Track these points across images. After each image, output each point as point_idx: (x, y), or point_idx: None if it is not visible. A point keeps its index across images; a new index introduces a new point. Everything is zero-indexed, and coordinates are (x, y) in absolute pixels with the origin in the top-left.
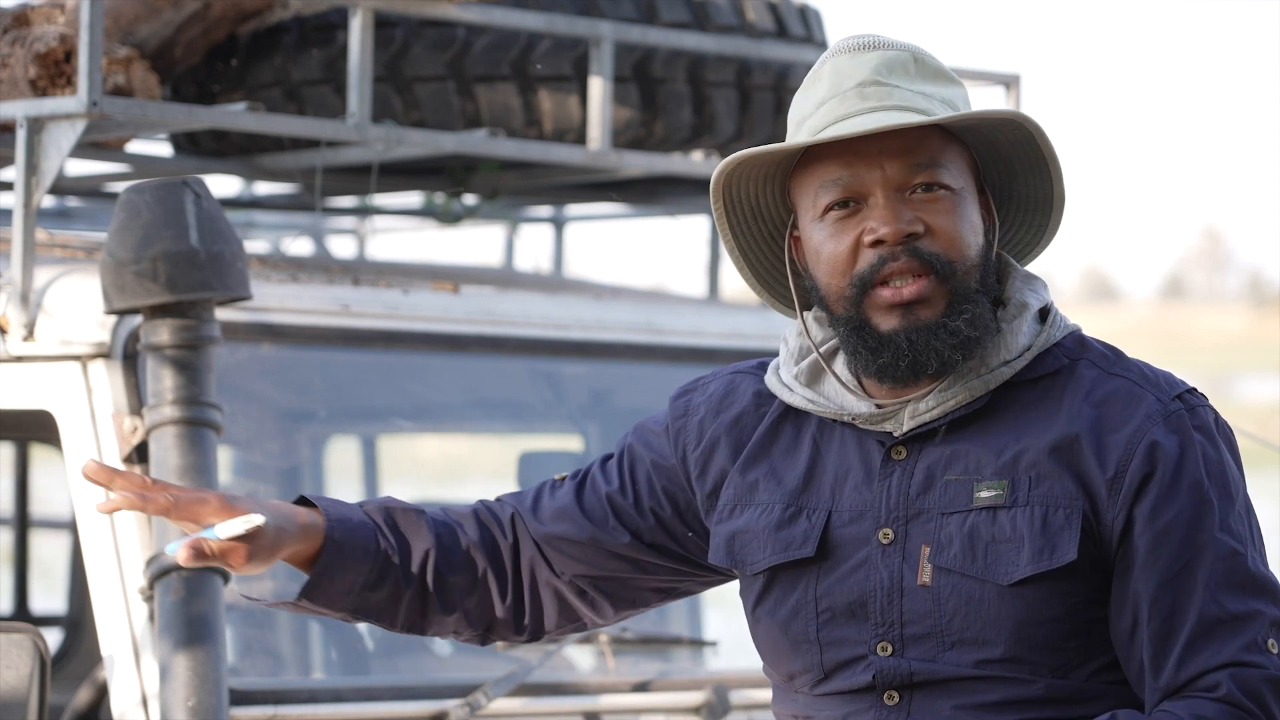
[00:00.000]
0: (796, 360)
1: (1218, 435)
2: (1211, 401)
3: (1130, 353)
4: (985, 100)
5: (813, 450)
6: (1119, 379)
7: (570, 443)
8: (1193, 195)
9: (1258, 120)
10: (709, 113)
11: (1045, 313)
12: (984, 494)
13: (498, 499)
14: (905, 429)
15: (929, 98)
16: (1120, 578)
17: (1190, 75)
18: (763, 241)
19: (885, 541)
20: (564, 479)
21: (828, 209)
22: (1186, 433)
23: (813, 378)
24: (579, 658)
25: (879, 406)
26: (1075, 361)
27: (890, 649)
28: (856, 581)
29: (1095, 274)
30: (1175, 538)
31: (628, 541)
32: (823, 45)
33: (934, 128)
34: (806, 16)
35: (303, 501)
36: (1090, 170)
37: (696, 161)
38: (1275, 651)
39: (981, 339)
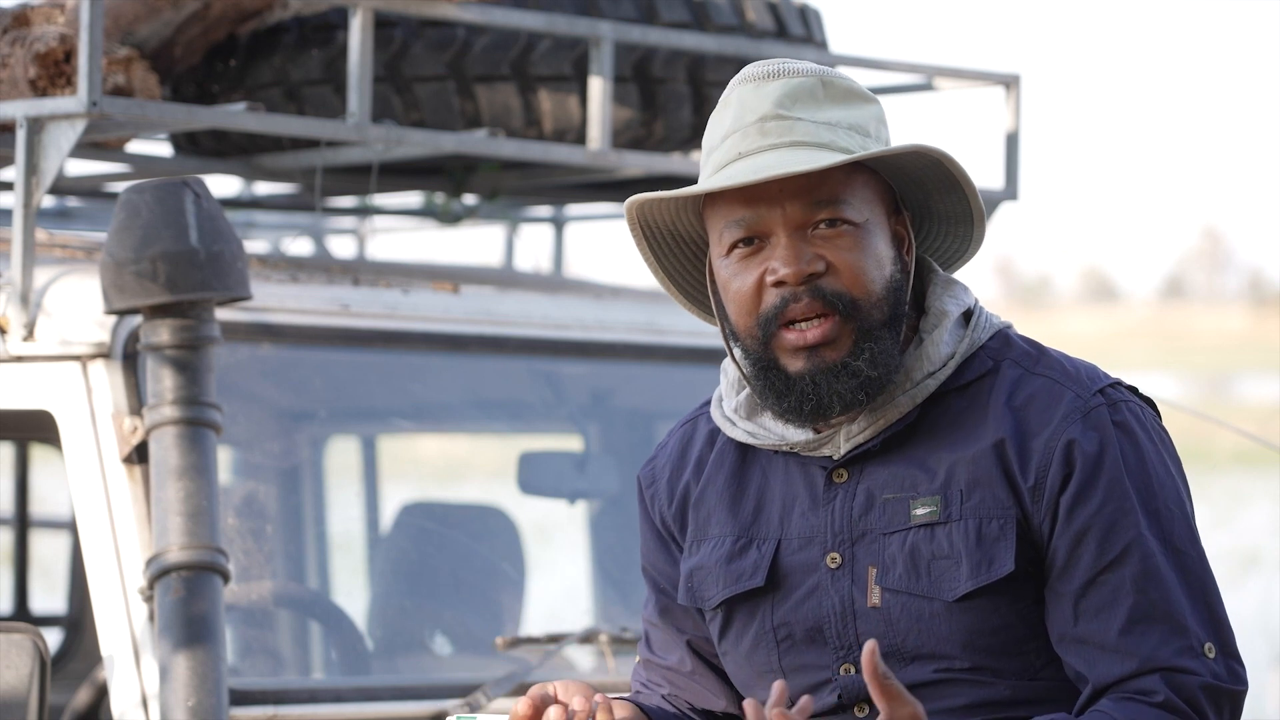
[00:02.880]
0: (736, 391)
1: (1139, 431)
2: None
3: (1130, 353)
4: (982, 101)
5: (761, 480)
6: (1040, 378)
7: (570, 443)
8: (1193, 195)
9: (1258, 120)
10: (709, 113)
11: (970, 315)
12: (919, 511)
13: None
14: (842, 452)
15: (834, 127)
16: (1049, 580)
17: (1190, 75)
18: (686, 261)
19: (833, 566)
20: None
21: (732, 247)
22: (1106, 430)
23: (752, 409)
24: (579, 658)
25: (816, 432)
26: (999, 363)
27: (853, 669)
28: (810, 608)
29: (1095, 274)
30: (1096, 536)
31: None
32: (823, 45)
33: (837, 167)
34: (806, 16)
35: None
36: (1090, 170)
37: (696, 161)
38: (1212, 656)
39: (883, 377)
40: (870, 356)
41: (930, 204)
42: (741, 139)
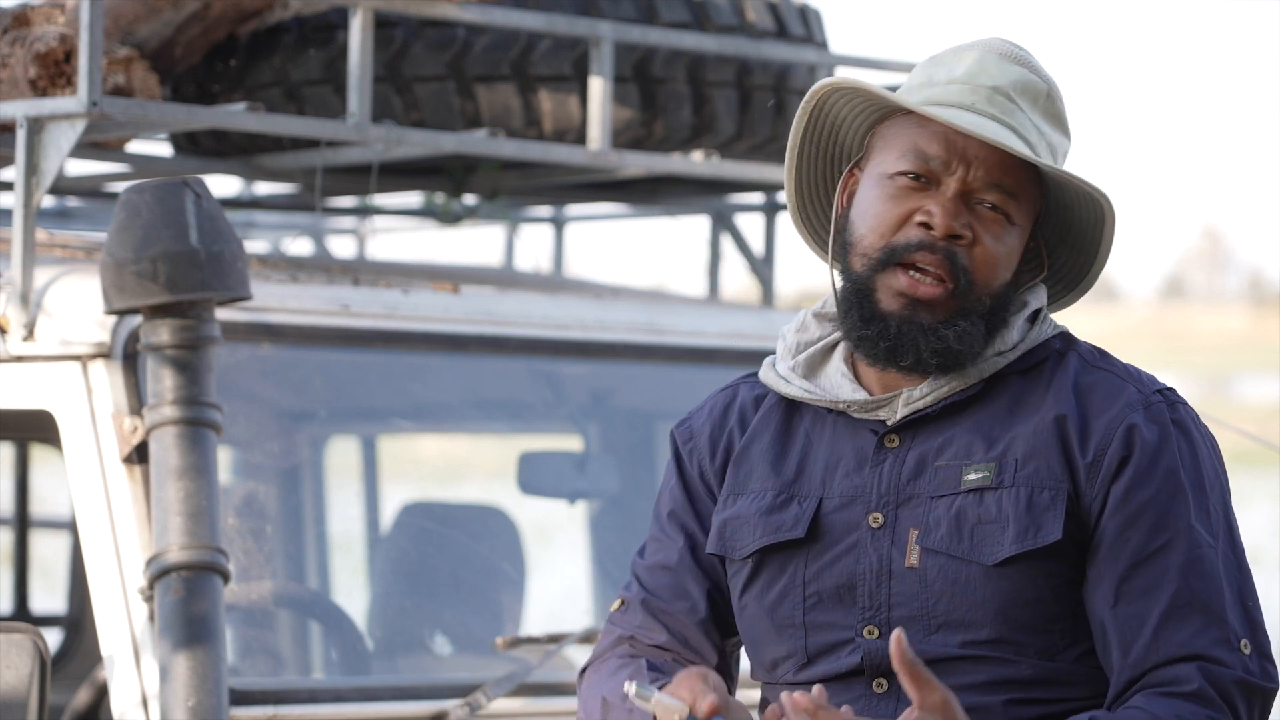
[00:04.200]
0: (794, 354)
1: (1195, 432)
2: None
3: (1130, 353)
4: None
5: (805, 441)
6: (1102, 371)
7: (570, 443)
8: (1193, 195)
9: (1258, 120)
10: (709, 113)
11: (1038, 314)
12: (971, 476)
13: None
14: (899, 416)
15: (1041, 135)
16: (1094, 558)
17: (1190, 75)
18: (823, 163)
19: (875, 525)
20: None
21: (901, 173)
22: (1165, 424)
23: (809, 370)
24: (579, 658)
25: (871, 394)
26: (1064, 354)
27: (877, 632)
28: (846, 565)
29: None
30: (1148, 520)
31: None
32: (823, 45)
33: (1025, 165)
34: (806, 16)
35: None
36: (1090, 171)
37: (696, 161)
38: (1248, 652)
39: (962, 354)
40: (959, 332)
41: (1057, 256)
42: (970, 92)
